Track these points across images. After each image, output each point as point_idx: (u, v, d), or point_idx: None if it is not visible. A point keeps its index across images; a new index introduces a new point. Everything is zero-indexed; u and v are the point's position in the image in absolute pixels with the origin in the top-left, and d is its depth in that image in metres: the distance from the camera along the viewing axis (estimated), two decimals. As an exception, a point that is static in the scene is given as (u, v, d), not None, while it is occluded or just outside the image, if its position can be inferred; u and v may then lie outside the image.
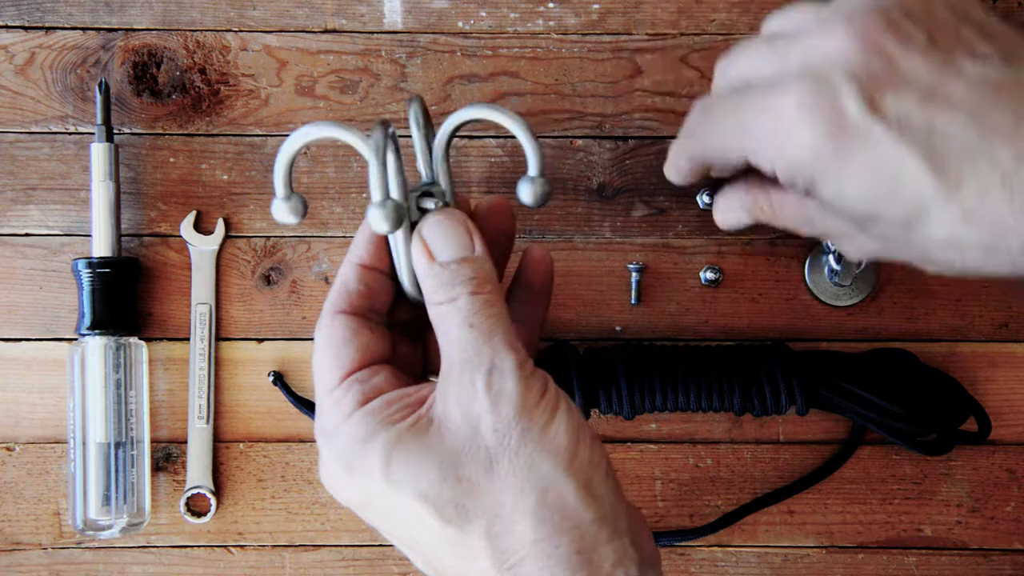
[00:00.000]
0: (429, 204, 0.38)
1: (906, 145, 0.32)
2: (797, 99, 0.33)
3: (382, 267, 0.38)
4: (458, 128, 0.38)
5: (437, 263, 0.35)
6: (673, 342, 0.53)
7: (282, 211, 0.36)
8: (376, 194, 0.35)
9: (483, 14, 0.54)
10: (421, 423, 0.33)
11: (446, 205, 0.38)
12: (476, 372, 0.33)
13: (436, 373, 0.37)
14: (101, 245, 0.51)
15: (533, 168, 0.37)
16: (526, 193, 0.37)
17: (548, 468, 0.32)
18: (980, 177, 0.32)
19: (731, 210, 0.43)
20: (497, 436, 0.32)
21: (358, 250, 0.38)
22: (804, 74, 0.34)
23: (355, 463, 0.33)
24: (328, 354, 0.36)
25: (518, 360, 0.33)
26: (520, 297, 0.41)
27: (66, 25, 0.53)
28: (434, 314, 0.35)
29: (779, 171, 0.36)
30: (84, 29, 0.53)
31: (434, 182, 0.39)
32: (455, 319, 0.34)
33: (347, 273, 0.37)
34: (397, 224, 0.34)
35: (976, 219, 0.32)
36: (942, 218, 0.33)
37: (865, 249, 0.40)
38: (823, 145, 0.33)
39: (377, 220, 0.34)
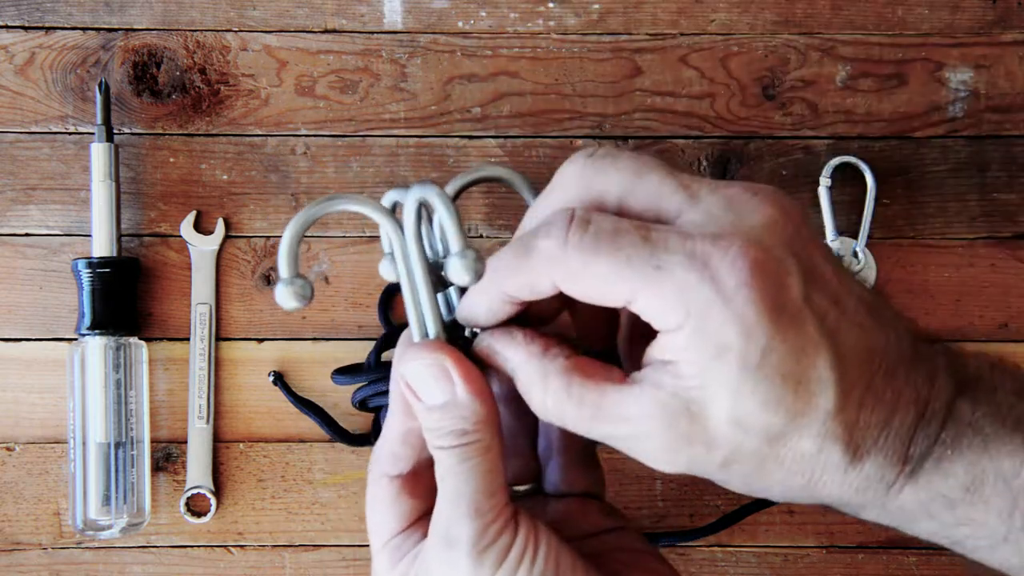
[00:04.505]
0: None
1: (825, 345, 0.30)
2: (740, 257, 0.29)
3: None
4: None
5: (424, 405, 0.34)
6: (673, 342, 0.53)
7: (285, 295, 0.32)
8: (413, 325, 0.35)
9: (483, 14, 0.54)
10: None
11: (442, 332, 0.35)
12: (439, 539, 0.33)
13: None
14: (101, 245, 0.51)
15: (455, 243, 0.32)
16: (457, 271, 0.31)
17: None
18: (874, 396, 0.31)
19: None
20: None
21: (398, 410, 0.36)
22: (743, 233, 0.30)
23: None
24: (374, 517, 0.37)
25: (477, 529, 0.33)
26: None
27: (66, 25, 0.53)
28: (432, 454, 0.35)
29: (680, 331, 0.30)
30: (84, 29, 0.53)
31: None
32: (438, 471, 0.34)
33: (392, 435, 0.36)
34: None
35: (851, 440, 0.31)
36: (822, 429, 0.30)
37: (670, 461, 0.32)
38: (757, 319, 0.29)
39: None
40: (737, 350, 0.29)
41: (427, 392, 0.34)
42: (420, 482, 0.36)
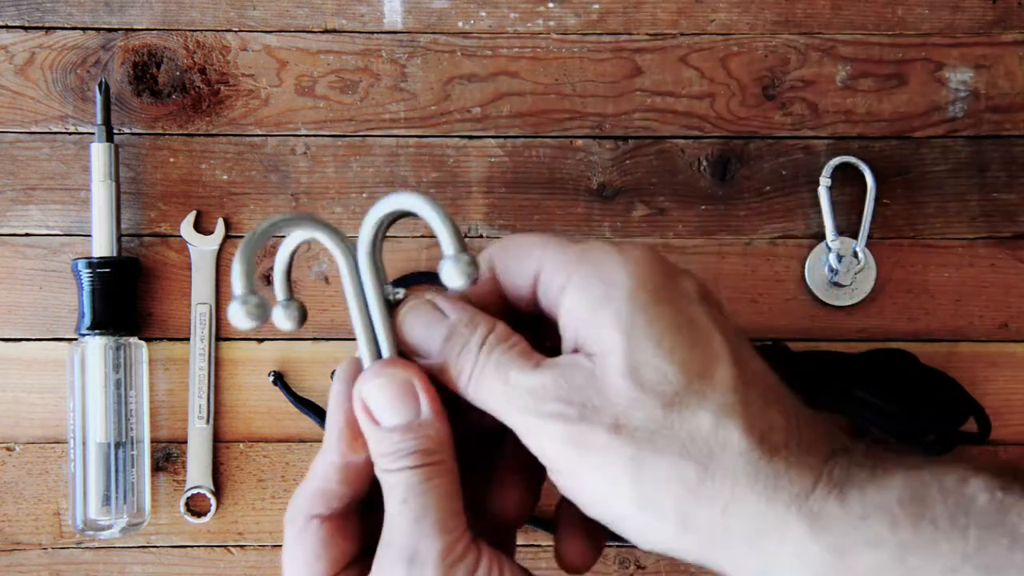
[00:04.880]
0: (400, 294, 0.34)
1: (719, 332, 0.31)
2: (642, 245, 0.33)
3: (366, 453, 0.35)
4: (383, 228, 0.34)
5: (381, 428, 0.33)
6: (673, 342, 0.53)
7: (279, 317, 0.33)
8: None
9: (483, 14, 0.54)
10: None
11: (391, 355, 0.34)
12: (399, 559, 0.32)
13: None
14: (101, 245, 0.51)
15: (449, 247, 0.32)
16: (451, 274, 0.31)
17: None
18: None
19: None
20: None
21: (339, 446, 0.34)
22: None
23: None
24: (301, 563, 0.35)
25: (445, 544, 0.32)
26: None
27: (66, 25, 0.53)
28: (380, 479, 0.34)
29: (571, 277, 0.32)
30: (84, 29, 0.53)
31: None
32: (394, 493, 0.33)
33: (327, 473, 0.34)
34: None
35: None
36: (721, 401, 0.30)
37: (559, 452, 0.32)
38: (647, 268, 0.32)
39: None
40: (625, 286, 0.31)
41: (387, 412, 0.33)
42: (351, 522, 0.35)
